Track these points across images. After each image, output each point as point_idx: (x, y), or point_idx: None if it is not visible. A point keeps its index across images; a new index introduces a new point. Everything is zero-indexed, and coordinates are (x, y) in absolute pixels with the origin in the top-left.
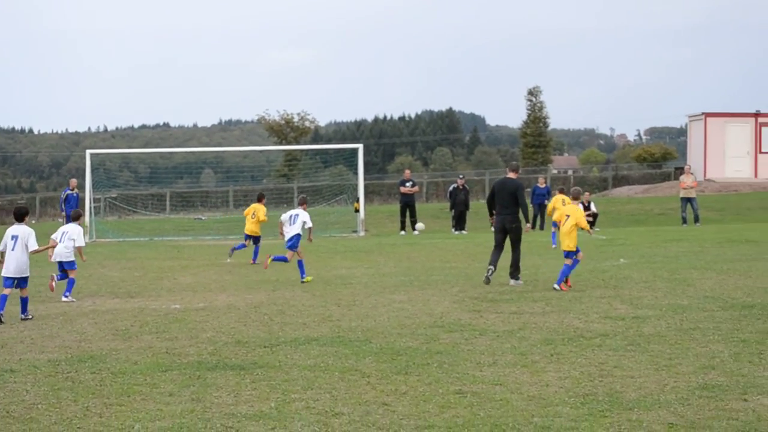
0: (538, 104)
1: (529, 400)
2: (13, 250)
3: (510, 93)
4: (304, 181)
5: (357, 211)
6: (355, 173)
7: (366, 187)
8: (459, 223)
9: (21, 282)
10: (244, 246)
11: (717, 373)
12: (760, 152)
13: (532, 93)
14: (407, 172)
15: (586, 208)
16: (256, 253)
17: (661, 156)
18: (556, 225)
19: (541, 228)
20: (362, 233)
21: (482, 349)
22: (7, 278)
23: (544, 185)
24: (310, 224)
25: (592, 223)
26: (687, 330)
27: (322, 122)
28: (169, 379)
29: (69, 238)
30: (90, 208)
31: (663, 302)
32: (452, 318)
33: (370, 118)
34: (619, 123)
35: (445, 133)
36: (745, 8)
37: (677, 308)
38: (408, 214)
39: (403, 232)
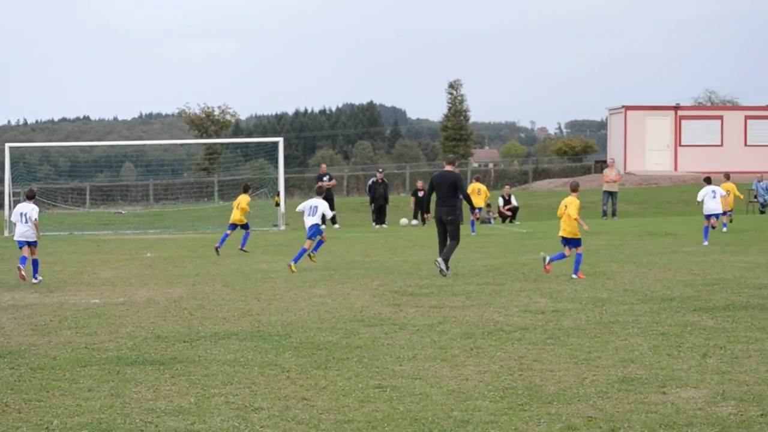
0: (459, 97)
1: (448, 394)
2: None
3: (431, 86)
4: (225, 175)
5: (277, 205)
6: (276, 167)
7: (287, 180)
8: (379, 216)
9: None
10: (227, 235)
11: (636, 366)
12: (680, 145)
13: (453, 86)
14: (323, 166)
15: (507, 201)
16: (244, 239)
17: (581, 149)
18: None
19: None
20: (283, 227)
21: (402, 344)
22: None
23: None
24: (330, 214)
25: (512, 217)
26: (606, 323)
27: (243, 115)
28: (88, 375)
29: (28, 217)
30: (9, 202)
31: (583, 295)
32: (372, 312)
33: (291, 112)
34: (540, 116)
35: (365, 126)
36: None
37: (597, 301)
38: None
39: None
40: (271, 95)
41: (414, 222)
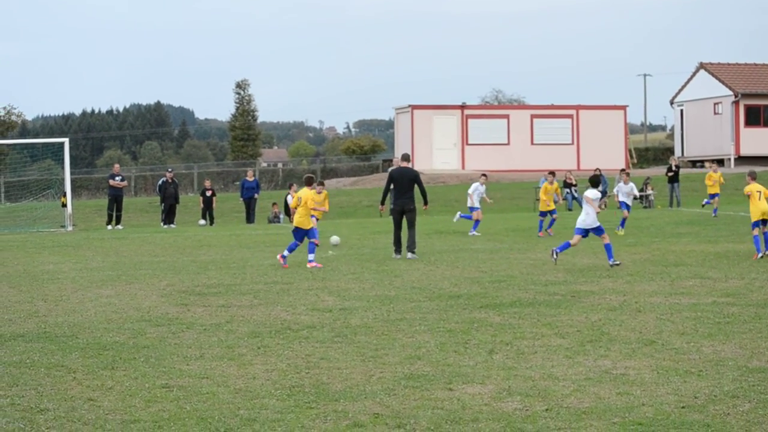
0: (247, 97)
1: (235, 393)
2: None
3: (218, 86)
4: (11, 176)
5: (64, 205)
6: (63, 168)
7: (74, 181)
8: (168, 216)
9: None
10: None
11: (423, 363)
12: (467, 144)
13: (240, 86)
14: (116, 166)
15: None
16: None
17: (369, 148)
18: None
19: (252, 221)
20: (70, 228)
21: (189, 343)
22: None
23: (252, 179)
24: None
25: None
26: (394, 321)
27: (30, 116)
28: None
29: None
30: None
31: (370, 293)
32: (160, 312)
33: (78, 112)
34: (329, 116)
35: (153, 126)
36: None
37: (384, 299)
38: (115, 208)
39: (109, 227)
40: (58, 96)
41: (201, 222)
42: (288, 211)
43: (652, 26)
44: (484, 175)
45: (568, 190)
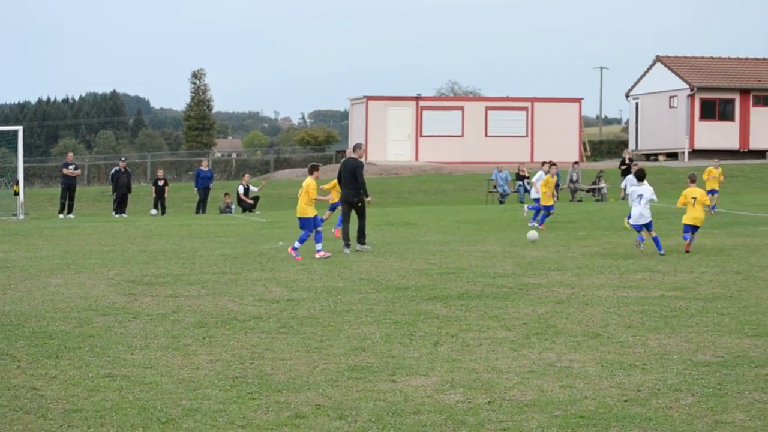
0: (202, 87)
1: (178, 383)
2: None
3: (174, 75)
4: None
5: (16, 194)
6: (17, 156)
7: (27, 170)
8: (120, 206)
9: None
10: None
11: (367, 355)
12: (421, 136)
13: (196, 76)
14: (70, 155)
15: (247, 190)
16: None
17: (324, 139)
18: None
19: (203, 211)
20: (22, 216)
21: (135, 333)
22: None
23: (207, 168)
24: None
25: (253, 206)
26: (340, 312)
27: None
28: None
29: None
30: None
31: (318, 284)
32: (107, 301)
33: (33, 101)
34: (284, 106)
35: (109, 115)
36: None
37: (332, 290)
38: (68, 197)
39: (61, 215)
40: (13, 84)
41: (153, 212)
42: (240, 201)
43: (609, 19)
44: (547, 163)
45: (520, 182)
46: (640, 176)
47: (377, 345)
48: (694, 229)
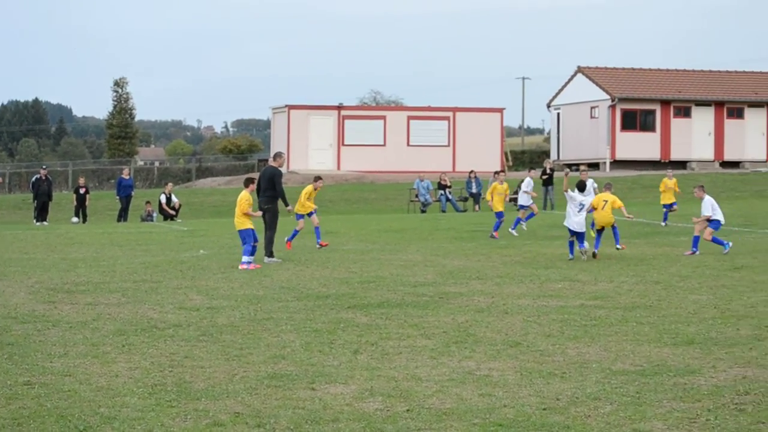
0: (125, 95)
1: (97, 391)
2: None
3: (97, 83)
4: None
5: None
6: None
7: None
8: (41, 214)
9: None
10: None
11: (287, 363)
12: (343, 145)
13: (119, 84)
14: None
15: (168, 199)
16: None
17: (246, 148)
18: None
19: (125, 219)
20: None
21: (54, 340)
22: None
23: (128, 177)
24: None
25: (174, 215)
26: (260, 320)
27: None
28: None
29: None
30: None
31: (239, 293)
32: (26, 309)
33: None
34: (207, 115)
35: (31, 123)
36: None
37: (252, 299)
38: None
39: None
40: None
41: (74, 220)
42: (162, 210)
43: (531, 30)
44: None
45: (442, 192)
46: (581, 187)
47: (297, 353)
48: (600, 230)
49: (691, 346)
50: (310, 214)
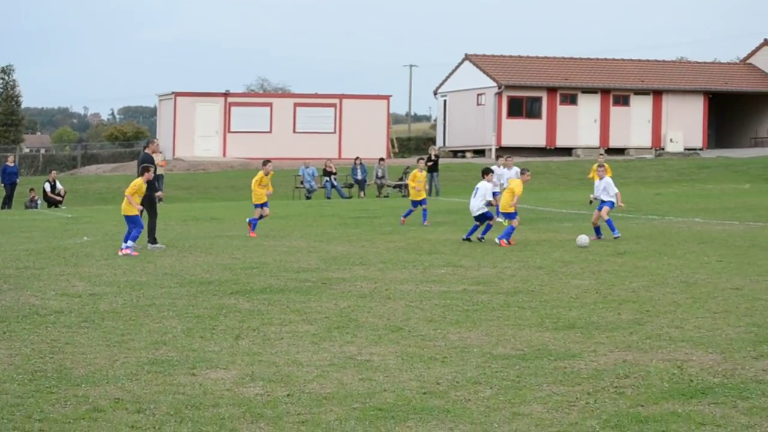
0: (11, 83)
1: None
2: None
3: None
4: None
5: None
6: None
7: None
8: None
9: None
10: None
11: (168, 349)
12: (229, 131)
13: (5, 71)
14: None
15: (53, 186)
16: None
17: (133, 135)
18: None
19: (9, 207)
20: None
21: None
22: None
23: (13, 164)
24: None
25: (59, 203)
26: (143, 306)
27: None
28: None
29: None
30: None
31: (122, 279)
32: None
33: None
34: (94, 102)
35: None
36: None
37: (135, 285)
38: None
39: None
40: None
41: None
42: (47, 197)
43: (419, 17)
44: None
45: (327, 179)
46: (484, 172)
47: (178, 339)
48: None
49: (572, 331)
50: (263, 205)
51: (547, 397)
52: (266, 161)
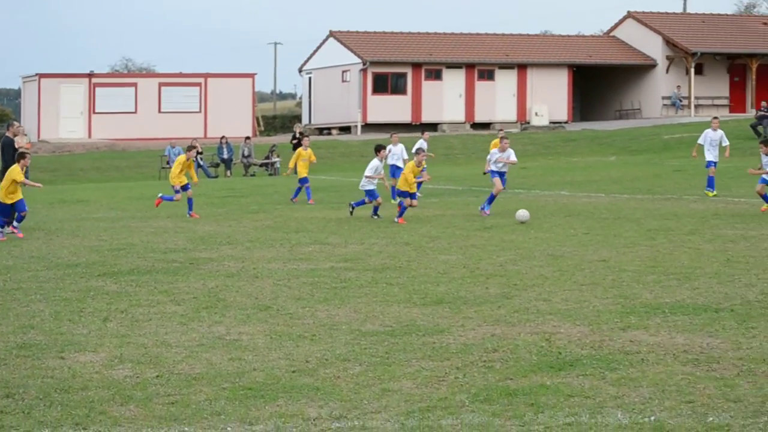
0: None
1: None
2: None
3: None
4: None
5: None
6: None
7: None
8: None
9: None
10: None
11: (36, 332)
12: (94, 113)
13: None
14: None
15: None
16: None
17: None
18: None
19: None
20: None
21: None
22: None
23: None
24: None
25: None
26: (9, 290)
27: None
28: None
29: None
30: None
31: None
32: None
33: None
34: None
35: None
36: None
37: (1, 269)
38: None
39: None
40: None
41: None
42: None
43: None
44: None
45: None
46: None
47: (46, 322)
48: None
49: (441, 306)
50: (185, 188)
51: (416, 372)
52: (191, 147)
